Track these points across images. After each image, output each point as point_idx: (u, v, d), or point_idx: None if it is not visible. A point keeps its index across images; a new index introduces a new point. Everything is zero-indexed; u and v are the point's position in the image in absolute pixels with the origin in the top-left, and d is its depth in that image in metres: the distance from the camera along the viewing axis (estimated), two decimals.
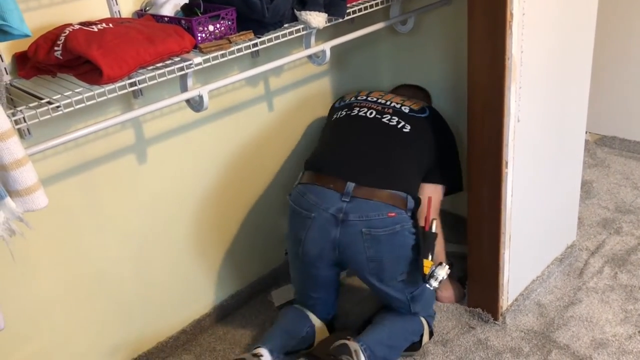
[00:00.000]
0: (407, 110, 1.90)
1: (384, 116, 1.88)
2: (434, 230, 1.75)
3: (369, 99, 1.97)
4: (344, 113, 1.95)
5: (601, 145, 3.13)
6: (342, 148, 1.85)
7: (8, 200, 0.96)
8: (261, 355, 1.69)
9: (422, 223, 1.78)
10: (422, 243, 1.71)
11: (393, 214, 1.68)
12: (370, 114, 1.90)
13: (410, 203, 1.73)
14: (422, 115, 1.91)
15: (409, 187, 1.75)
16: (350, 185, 1.70)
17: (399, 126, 1.85)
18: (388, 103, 1.94)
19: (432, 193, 1.87)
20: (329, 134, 1.96)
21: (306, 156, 1.91)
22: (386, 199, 1.70)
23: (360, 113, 1.91)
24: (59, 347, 1.73)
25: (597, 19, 1.93)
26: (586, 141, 2.15)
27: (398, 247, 1.71)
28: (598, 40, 1.97)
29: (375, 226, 1.67)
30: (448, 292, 2.11)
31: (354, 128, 1.89)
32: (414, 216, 1.74)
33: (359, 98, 1.99)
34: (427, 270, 1.69)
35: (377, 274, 1.74)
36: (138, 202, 1.79)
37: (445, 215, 2.55)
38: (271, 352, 1.73)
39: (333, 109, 2.05)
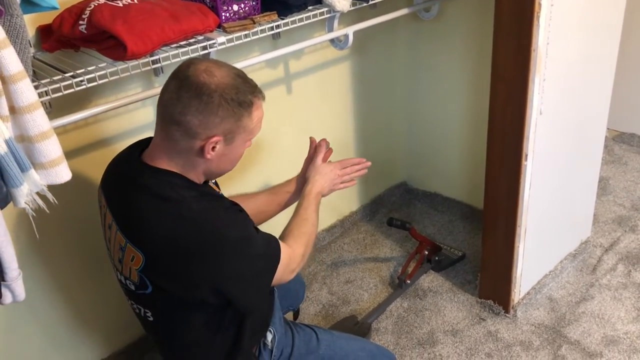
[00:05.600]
0: (133, 288, 1.21)
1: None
2: None
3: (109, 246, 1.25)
4: None
5: (619, 142, 3.10)
6: None
7: (32, 172, 0.96)
8: None
9: None
10: None
11: None
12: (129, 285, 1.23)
13: None
14: (146, 292, 1.19)
15: None
16: None
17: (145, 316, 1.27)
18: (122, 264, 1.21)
19: None
20: None
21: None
22: None
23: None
24: (72, 319, 1.75)
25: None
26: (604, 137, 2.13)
27: None
28: (621, 37, 1.94)
29: None
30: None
31: None
32: None
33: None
34: None
35: None
36: None
37: (461, 207, 2.55)
38: None
39: None
